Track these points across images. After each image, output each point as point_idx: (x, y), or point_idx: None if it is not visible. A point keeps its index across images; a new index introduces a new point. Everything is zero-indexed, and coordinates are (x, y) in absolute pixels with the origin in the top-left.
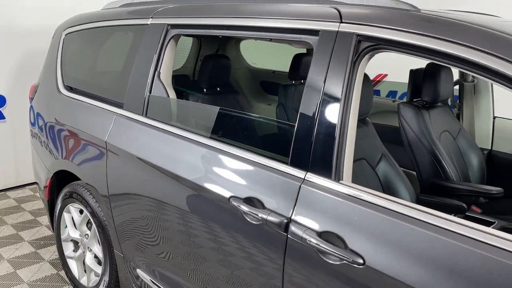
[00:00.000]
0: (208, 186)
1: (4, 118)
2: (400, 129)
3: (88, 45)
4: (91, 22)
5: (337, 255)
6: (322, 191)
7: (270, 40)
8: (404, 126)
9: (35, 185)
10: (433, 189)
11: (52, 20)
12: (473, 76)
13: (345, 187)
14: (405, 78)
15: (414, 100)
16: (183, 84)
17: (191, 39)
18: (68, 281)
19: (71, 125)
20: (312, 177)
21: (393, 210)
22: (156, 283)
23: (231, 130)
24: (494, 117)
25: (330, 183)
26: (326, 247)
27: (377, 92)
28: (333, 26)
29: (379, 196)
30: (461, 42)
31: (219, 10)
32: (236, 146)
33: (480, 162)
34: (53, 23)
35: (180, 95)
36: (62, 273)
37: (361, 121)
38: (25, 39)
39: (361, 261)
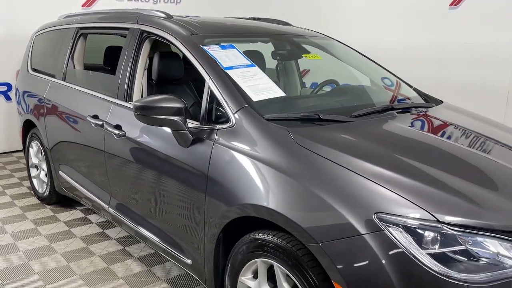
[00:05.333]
0: (80, 112)
1: (10, 99)
2: None
3: (45, 42)
4: (49, 28)
5: (119, 134)
6: (119, 106)
7: (116, 33)
8: None
9: None
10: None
11: None
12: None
13: (130, 104)
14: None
15: None
16: None
17: None
18: (33, 193)
19: (30, 90)
20: (117, 101)
21: (126, 106)
22: (68, 177)
23: (94, 83)
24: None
25: (124, 102)
26: (116, 132)
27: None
28: (133, 25)
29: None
30: (171, 34)
31: (94, 19)
32: (95, 91)
33: None
34: None
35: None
36: (32, 192)
37: (182, 81)
38: (23, 42)
39: (125, 134)
